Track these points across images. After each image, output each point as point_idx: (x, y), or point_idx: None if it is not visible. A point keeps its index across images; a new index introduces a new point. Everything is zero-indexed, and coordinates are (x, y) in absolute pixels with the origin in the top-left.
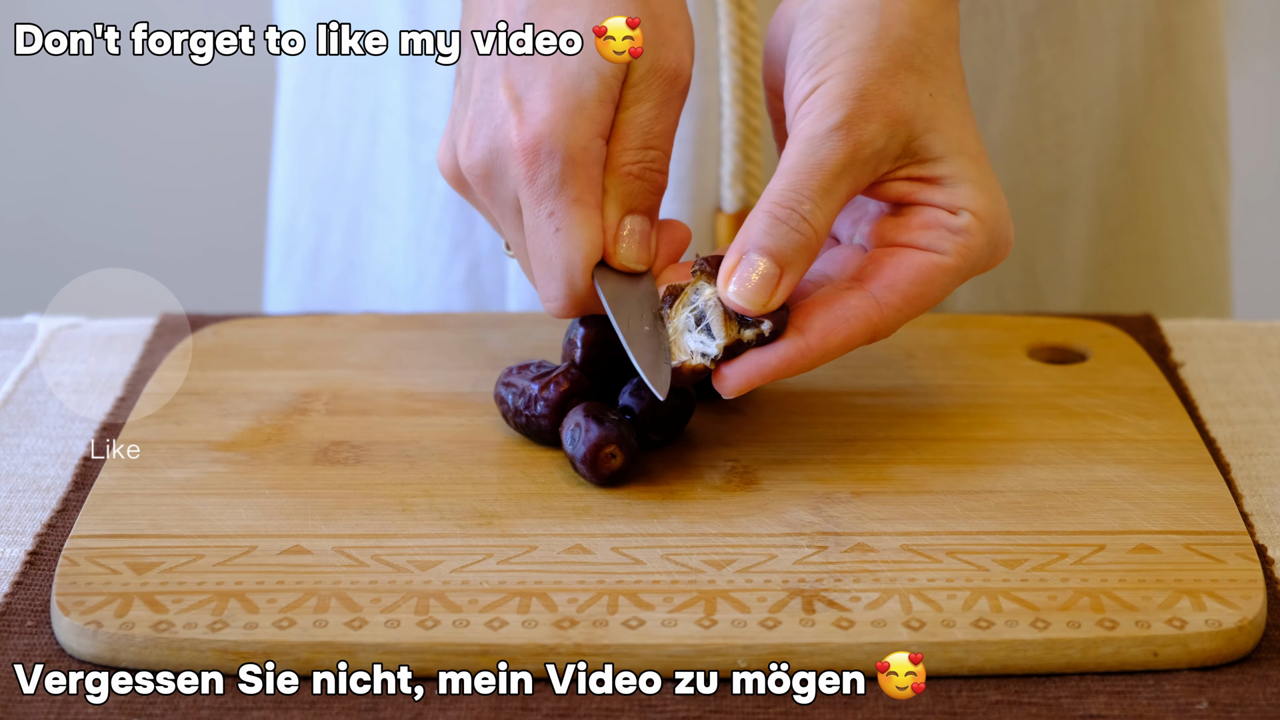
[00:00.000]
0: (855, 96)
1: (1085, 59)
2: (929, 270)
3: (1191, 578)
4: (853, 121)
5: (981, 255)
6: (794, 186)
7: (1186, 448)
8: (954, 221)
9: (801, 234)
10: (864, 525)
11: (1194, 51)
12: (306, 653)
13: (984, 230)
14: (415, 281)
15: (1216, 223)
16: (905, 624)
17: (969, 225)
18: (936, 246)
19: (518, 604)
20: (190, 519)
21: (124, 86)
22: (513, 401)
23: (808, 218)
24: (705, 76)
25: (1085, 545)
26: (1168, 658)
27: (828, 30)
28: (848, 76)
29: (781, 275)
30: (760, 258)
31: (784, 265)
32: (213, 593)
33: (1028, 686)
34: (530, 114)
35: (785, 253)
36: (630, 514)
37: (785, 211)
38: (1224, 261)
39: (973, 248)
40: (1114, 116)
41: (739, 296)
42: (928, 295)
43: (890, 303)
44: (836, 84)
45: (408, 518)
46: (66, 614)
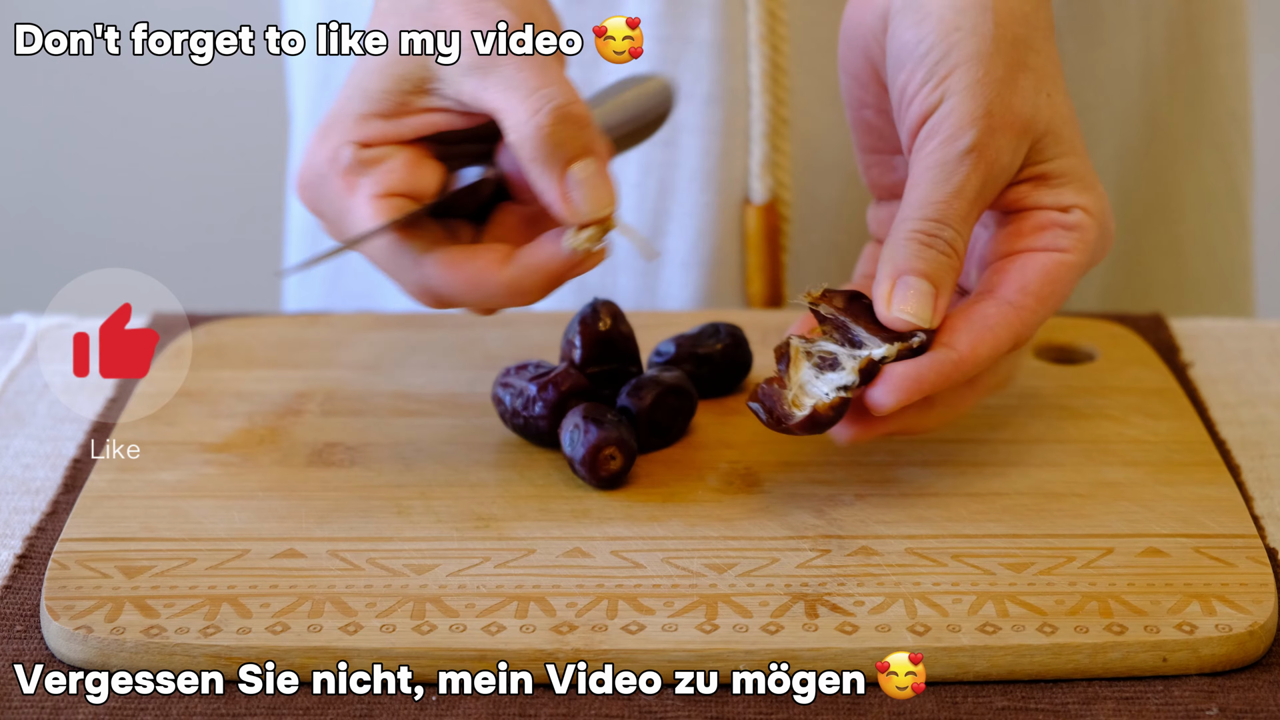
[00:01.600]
0: (984, 114)
1: (1107, 49)
2: (1054, 268)
3: (1201, 582)
4: (984, 144)
5: (1096, 248)
6: (939, 216)
7: (1196, 449)
8: (1067, 219)
9: (950, 259)
10: (868, 528)
11: (1217, 42)
12: (300, 658)
13: (1096, 224)
14: None
15: (1238, 215)
16: (910, 629)
17: (1082, 221)
18: (1055, 245)
19: (515, 608)
20: (182, 522)
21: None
22: (510, 402)
23: (952, 243)
24: (733, 65)
25: (1093, 548)
26: (1177, 663)
27: (943, 33)
28: (973, 91)
29: (937, 295)
30: (918, 280)
31: (937, 285)
32: (205, 597)
33: (1034, 692)
34: (306, 151)
35: (937, 273)
36: (630, 516)
37: (931, 238)
38: (1246, 254)
39: (1088, 241)
40: (1136, 107)
41: (905, 313)
42: (1058, 293)
43: (1026, 305)
44: (963, 102)
45: (403, 520)
46: (56, 618)
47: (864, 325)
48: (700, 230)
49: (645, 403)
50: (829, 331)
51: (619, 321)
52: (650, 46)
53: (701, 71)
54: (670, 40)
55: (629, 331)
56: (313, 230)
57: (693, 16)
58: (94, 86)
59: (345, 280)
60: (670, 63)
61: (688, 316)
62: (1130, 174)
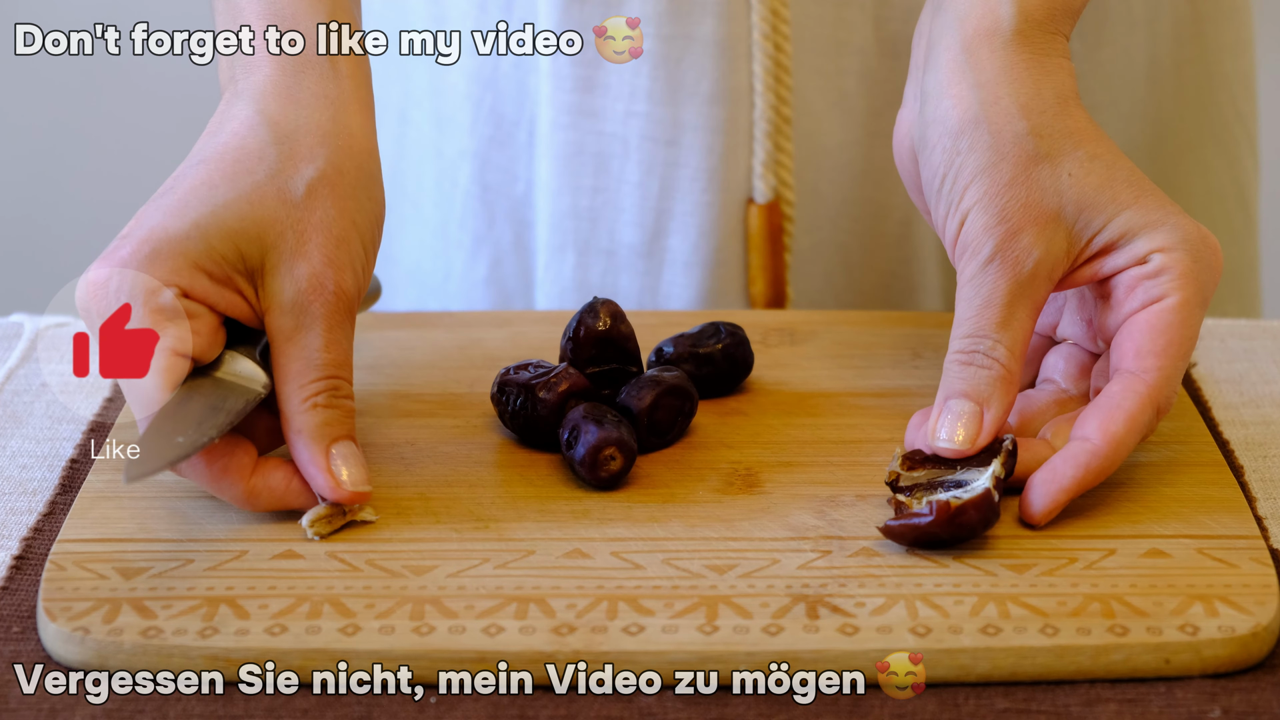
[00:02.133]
0: (999, 222)
1: (1114, 49)
2: (1158, 320)
3: (1204, 583)
4: (1004, 248)
5: (1197, 276)
6: (972, 331)
7: (1199, 450)
8: (1147, 269)
9: (990, 370)
10: (869, 529)
11: (1223, 41)
12: (299, 660)
13: (1180, 257)
14: (443, 277)
15: (1244, 215)
16: (911, 630)
17: (1163, 263)
18: (1150, 298)
19: (515, 610)
20: (180, 522)
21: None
22: (510, 402)
23: (991, 354)
24: (736, 64)
25: (1095, 550)
26: (1180, 665)
27: (948, 160)
28: (984, 205)
29: (983, 412)
30: (958, 401)
31: (983, 402)
32: (203, 598)
33: (1036, 694)
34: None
35: (981, 390)
36: (630, 517)
37: (969, 355)
38: (1253, 254)
39: (1182, 275)
40: (1142, 107)
41: (949, 441)
42: (1176, 340)
43: (1149, 367)
44: (977, 216)
45: (403, 521)
46: (54, 620)
47: (941, 467)
48: (702, 230)
49: (645, 403)
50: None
51: (619, 321)
52: (652, 45)
53: (704, 70)
54: (673, 39)
55: (629, 331)
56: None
57: (695, 15)
58: (93, 87)
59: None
60: (673, 61)
61: (689, 316)
62: None
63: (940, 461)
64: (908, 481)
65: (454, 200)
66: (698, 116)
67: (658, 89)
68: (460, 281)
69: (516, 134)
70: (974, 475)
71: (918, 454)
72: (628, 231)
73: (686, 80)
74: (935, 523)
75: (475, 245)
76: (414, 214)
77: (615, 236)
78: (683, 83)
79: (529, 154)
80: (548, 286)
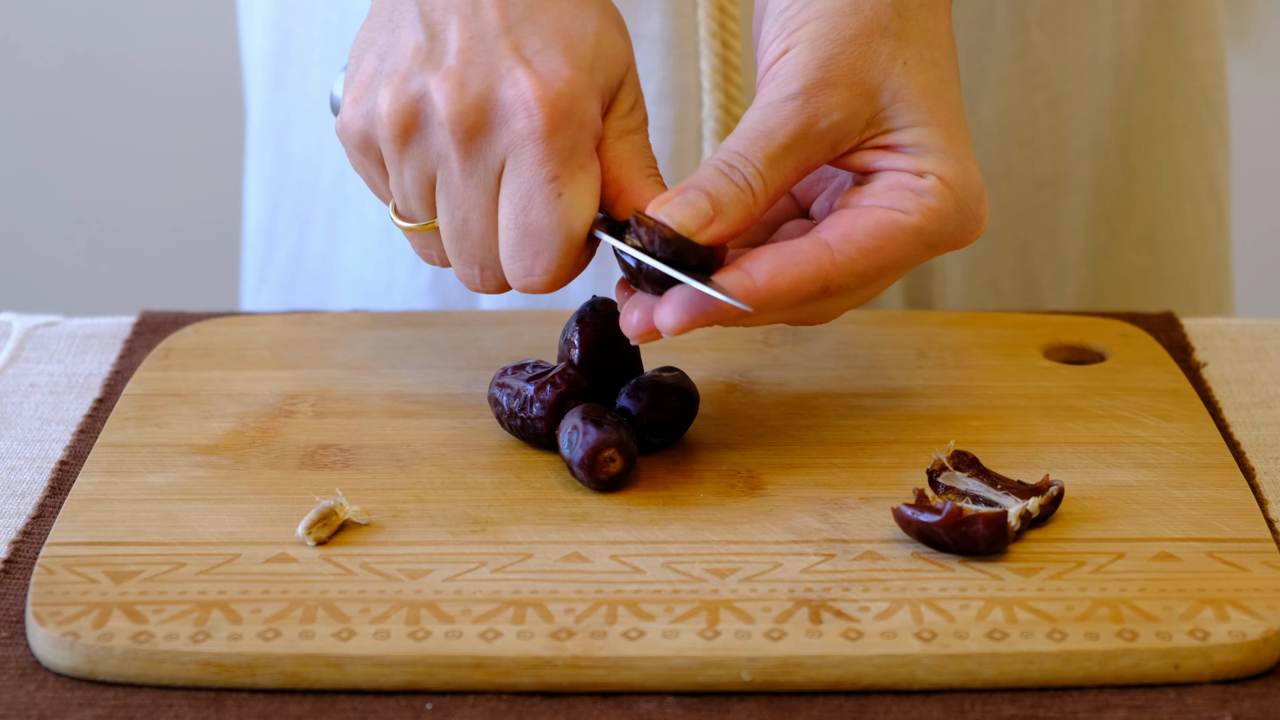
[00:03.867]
0: (819, 66)
1: (1079, 39)
2: (888, 225)
3: (1215, 587)
4: (811, 92)
5: (947, 222)
6: (741, 149)
7: (1209, 451)
8: (918, 183)
9: (740, 189)
10: (873, 532)
11: (1191, 29)
12: (293, 665)
13: (951, 195)
14: (387, 285)
15: (1216, 208)
16: (916, 635)
17: (934, 187)
18: (899, 205)
19: (512, 614)
20: (171, 525)
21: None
22: (507, 403)
23: (750, 178)
24: (684, 63)
25: (1104, 553)
26: (1190, 670)
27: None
28: (815, 44)
29: (714, 218)
30: (698, 194)
31: (718, 210)
32: (195, 602)
33: (1044, 700)
34: (550, 74)
35: (722, 199)
36: (630, 520)
37: (729, 167)
38: (1224, 248)
39: (937, 209)
40: (1110, 98)
41: (669, 215)
42: (886, 251)
43: (845, 252)
44: (802, 51)
45: (398, 524)
46: (43, 624)
47: (985, 481)
48: None
49: (645, 404)
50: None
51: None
52: None
53: (651, 69)
54: None
55: None
56: (272, 233)
57: (641, 13)
58: (81, 85)
59: (300, 282)
60: None
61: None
62: (1105, 166)
63: (987, 474)
64: (947, 480)
65: None
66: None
67: None
68: (404, 289)
69: None
70: (1011, 502)
71: (968, 457)
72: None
73: None
74: (942, 523)
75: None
76: (357, 221)
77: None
78: None
79: None
80: (495, 296)
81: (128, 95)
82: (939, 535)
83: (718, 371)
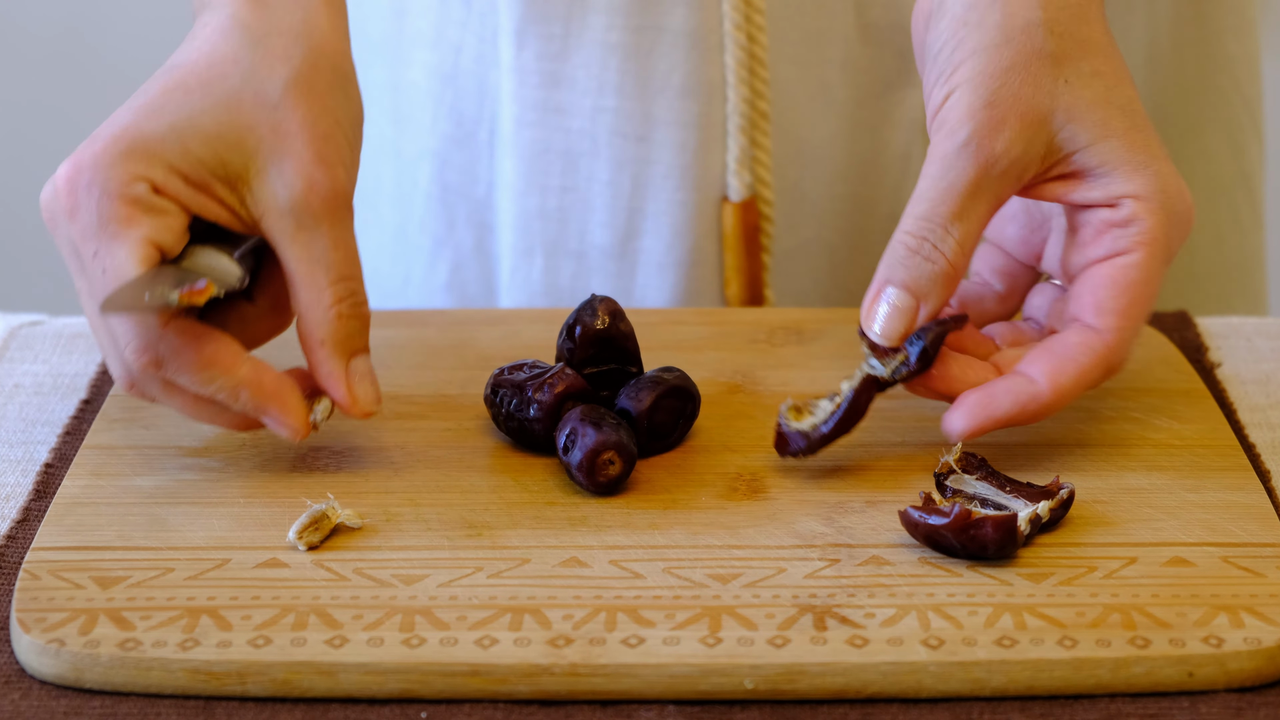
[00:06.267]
0: (984, 105)
1: (1112, 31)
2: (1121, 276)
3: (1229, 593)
4: (983, 135)
5: (1165, 235)
6: (927, 214)
7: (1224, 454)
8: (1118, 215)
9: (935, 265)
10: (879, 536)
11: (1225, 23)
12: (284, 673)
13: (1153, 210)
14: (402, 282)
15: (1251, 204)
16: (923, 642)
17: (1134, 213)
18: (1117, 249)
19: (509, 621)
20: (159, 530)
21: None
22: (504, 404)
23: (940, 245)
24: (708, 56)
25: (1116, 558)
26: (1204, 678)
27: (954, 30)
28: (976, 83)
29: (919, 307)
30: (898, 293)
31: (919, 296)
32: (183, 609)
33: (1054, 709)
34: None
35: (921, 285)
36: (629, 524)
37: (917, 241)
38: (1259, 244)
39: (1149, 231)
40: (1142, 92)
41: (880, 335)
42: (1137, 300)
43: (1108, 326)
44: (965, 93)
45: (392, 528)
46: (27, 631)
47: (994, 484)
48: (676, 229)
49: (645, 405)
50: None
51: (618, 320)
52: (621, 37)
53: (675, 63)
54: (643, 30)
55: (629, 330)
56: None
57: (665, 5)
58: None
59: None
60: (642, 54)
61: (691, 314)
62: None
63: (996, 476)
64: (954, 483)
65: (413, 202)
66: (669, 111)
67: (627, 83)
68: (420, 287)
69: (478, 133)
70: (1020, 505)
71: (976, 459)
72: (598, 232)
73: (657, 73)
74: (950, 526)
75: (435, 248)
76: (371, 216)
77: (585, 238)
78: (653, 76)
79: (490, 154)
80: (514, 291)
81: (119, 89)
82: (947, 538)
83: (720, 372)
